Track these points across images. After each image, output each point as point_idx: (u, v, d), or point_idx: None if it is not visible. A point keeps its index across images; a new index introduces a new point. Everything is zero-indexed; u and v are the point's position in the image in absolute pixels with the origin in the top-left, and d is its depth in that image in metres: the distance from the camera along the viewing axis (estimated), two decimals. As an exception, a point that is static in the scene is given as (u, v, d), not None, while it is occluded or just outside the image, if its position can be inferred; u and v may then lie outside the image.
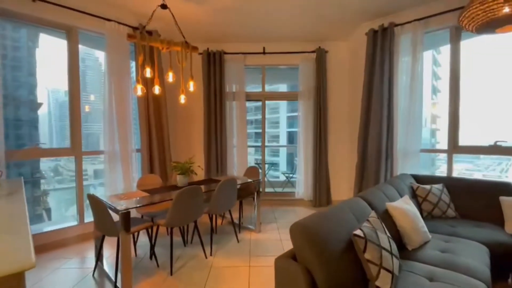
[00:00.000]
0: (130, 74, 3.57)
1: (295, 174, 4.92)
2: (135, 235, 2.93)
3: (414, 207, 2.08)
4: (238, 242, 3.10)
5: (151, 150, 3.80)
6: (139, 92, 2.75)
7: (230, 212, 3.25)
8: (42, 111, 3.69)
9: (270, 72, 4.85)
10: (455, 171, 3.27)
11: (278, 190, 5.49)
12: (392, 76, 3.50)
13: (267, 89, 4.82)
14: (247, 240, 3.16)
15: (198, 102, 4.48)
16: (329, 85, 4.50)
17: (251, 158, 6.79)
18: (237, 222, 3.58)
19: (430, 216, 2.57)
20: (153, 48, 3.44)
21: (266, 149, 4.89)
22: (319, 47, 4.37)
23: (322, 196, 4.43)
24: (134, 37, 2.73)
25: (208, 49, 4.40)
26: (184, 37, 3.07)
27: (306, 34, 4.26)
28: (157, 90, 2.87)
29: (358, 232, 1.37)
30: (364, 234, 1.36)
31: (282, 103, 9.08)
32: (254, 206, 3.45)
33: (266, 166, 5.01)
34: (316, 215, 1.46)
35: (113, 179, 3.38)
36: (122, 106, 3.43)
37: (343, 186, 4.46)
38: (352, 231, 1.39)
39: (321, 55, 4.36)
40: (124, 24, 3.46)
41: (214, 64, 4.41)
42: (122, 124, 3.43)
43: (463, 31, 2.92)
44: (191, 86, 2.97)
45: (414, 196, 2.65)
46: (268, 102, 4.86)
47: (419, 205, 2.59)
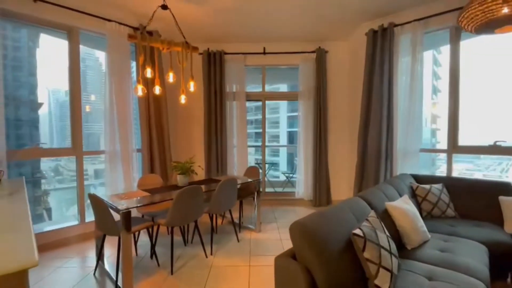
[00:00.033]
0: (131, 74, 3.59)
1: (295, 174, 4.92)
2: (136, 235, 2.94)
3: (414, 207, 2.09)
4: (238, 241, 3.11)
5: (152, 150, 3.82)
6: (140, 92, 2.77)
7: (230, 211, 3.27)
8: (42, 111, 3.70)
9: (270, 72, 4.86)
10: (456, 171, 3.27)
11: (278, 190, 5.50)
12: (392, 76, 3.51)
13: (267, 89, 4.83)
14: (247, 239, 3.17)
15: (198, 102, 4.50)
16: (329, 85, 4.51)
17: (251, 158, 6.80)
18: (237, 221, 3.59)
19: (429, 215, 2.57)
20: (153, 48, 3.45)
21: (266, 149, 4.90)
22: (319, 47, 4.38)
23: (322, 196, 4.44)
24: (135, 37, 2.74)
25: (208, 49, 4.41)
26: (184, 37, 3.08)
27: (306, 34, 4.27)
28: (157, 90, 2.88)
29: (357, 231, 1.38)
30: (363, 233, 1.37)
31: (282, 103, 9.09)
32: (254, 206, 3.46)
33: (266, 166, 5.01)
34: (315, 215, 1.47)
35: (114, 179, 3.39)
36: (122, 106, 3.44)
37: (343, 186, 4.47)
38: (351, 231, 1.40)
39: (321, 55, 4.37)
40: (124, 24, 3.47)
41: (214, 64, 4.42)
42: (123, 124, 3.45)
43: (463, 32, 2.93)
44: (192, 86, 2.98)
45: (414, 195, 2.65)
46: (268, 102, 4.87)
47: (419, 204, 2.60)
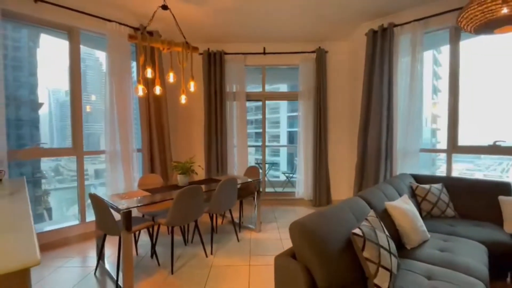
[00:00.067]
0: (131, 74, 3.59)
1: (295, 174, 4.93)
2: (136, 234, 2.94)
3: (413, 207, 2.09)
4: (239, 241, 3.12)
5: (152, 149, 3.82)
6: (140, 92, 2.77)
7: (231, 211, 3.27)
8: (42, 111, 3.71)
9: (270, 72, 4.87)
10: (456, 171, 3.27)
11: (278, 189, 5.51)
12: (391, 76, 3.51)
13: (267, 89, 4.83)
14: (247, 239, 3.18)
15: (198, 102, 4.50)
16: (329, 85, 4.51)
17: (252, 158, 6.81)
18: (237, 221, 3.60)
19: (429, 215, 2.58)
20: (154, 48, 3.46)
21: (266, 149, 4.90)
22: (319, 47, 4.38)
23: (322, 195, 4.45)
24: (135, 37, 2.74)
25: (208, 49, 4.42)
26: (184, 37, 3.08)
27: (306, 34, 4.27)
28: (158, 90, 2.89)
29: (357, 231, 1.38)
30: (362, 232, 1.37)
31: (283, 103, 9.10)
32: (254, 206, 3.47)
33: (266, 166, 5.02)
34: (315, 214, 1.47)
35: (114, 179, 3.40)
36: (123, 106, 3.45)
37: (343, 185, 4.47)
38: (351, 230, 1.40)
39: (321, 55, 4.37)
40: (125, 24, 3.48)
41: (214, 64, 4.43)
42: (123, 124, 3.46)
43: (463, 32, 2.93)
44: (192, 86, 2.99)
45: (414, 195, 2.66)
46: (268, 102, 4.88)
47: (419, 204, 2.61)
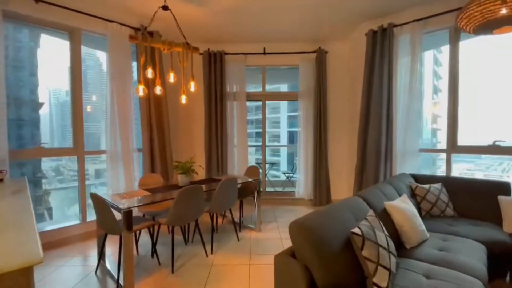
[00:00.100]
0: (132, 75, 3.61)
1: (295, 173, 4.94)
2: (137, 234, 2.95)
3: (412, 206, 2.10)
4: (239, 240, 3.13)
5: (153, 149, 3.83)
6: (141, 92, 2.78)
7: (231, 211, 3.29)
8: (43, 111, 3.72)
9: (271, 72, 4.88)
10: (457, 171, 3.28)
11: (279, 189, 5.53)
12: (391, 76, 3.52)
13: (268, 89, 4.84)
14: (248, 238, 3.19)
15: (199, 102, 4.51)
16: (329, 85, 4.52)
17: (252, 158, 6.82)
18: (237, 221, 3.61)
19: (428, 215, 2.59)
20: (154, 49, 3.48)
21: (266, 148, 4.92)
22: (319, 48, 4.39)
23: (322, 195, 4.46)
24: (136, 38, 2.76)
25: (209, 49, 4.43)
26: (185, 37, 3.10)
27: (306, 35, 4.28)
28: (158, 90, 2.90)
29: (356, 230, 1.39)
30: (361, 232, 1.38)
31: (283, 103, 9.13)
32: (255, 205, 3.48)
33: (266, 165, 5.03)
34: (314, 214, 1.48)
35: (115, 178, 3.41)
36: (123, 106, 3.46)
37: (343, 185, 4.48)
38: (350, 230, 1.41)
39: (321, 56, 4.38)
40: (126, 25, 3.49)
41: (215, 64, 4.44)
42: (124, 124, 3.47)
43: (462, 32, 2.94)
44: (192, 86, 3.00)
45: (413, 195, 2.67)
46: (268, 102, 4.89)
47: (418, 204, 2.61)
